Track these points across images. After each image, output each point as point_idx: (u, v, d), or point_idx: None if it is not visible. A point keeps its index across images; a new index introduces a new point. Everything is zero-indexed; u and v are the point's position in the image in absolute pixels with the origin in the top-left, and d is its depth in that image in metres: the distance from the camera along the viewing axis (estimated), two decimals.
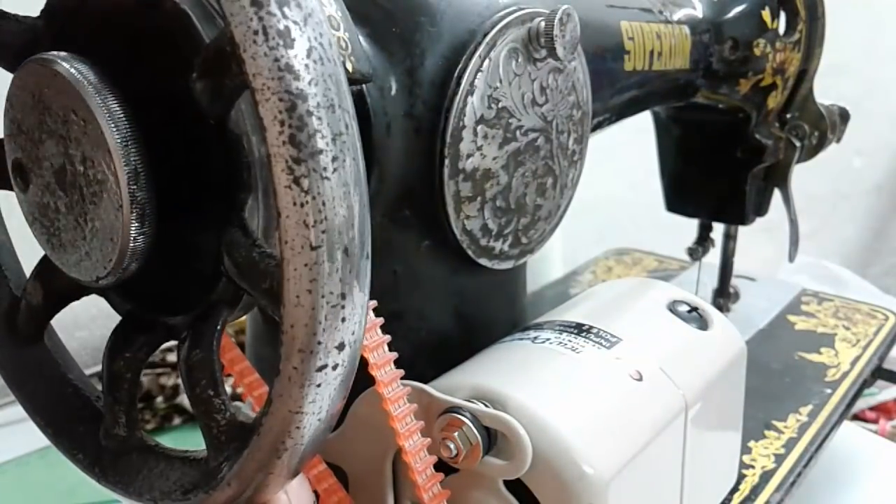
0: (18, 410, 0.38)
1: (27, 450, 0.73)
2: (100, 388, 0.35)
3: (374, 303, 0.32)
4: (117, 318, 0.35)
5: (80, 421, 0.36)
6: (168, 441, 0.34)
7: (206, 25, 0.29)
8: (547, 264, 0.98)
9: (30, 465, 0.72)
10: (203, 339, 0.30)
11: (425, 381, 0.38)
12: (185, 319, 0.31)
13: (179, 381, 0.79)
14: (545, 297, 0.87)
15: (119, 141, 0.27)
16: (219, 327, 0.31)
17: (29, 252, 0.37)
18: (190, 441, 0.75)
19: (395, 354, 0.34)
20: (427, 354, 0.42)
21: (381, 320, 0.33)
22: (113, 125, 0.27)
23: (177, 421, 0.77)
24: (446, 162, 0.38)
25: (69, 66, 0.28)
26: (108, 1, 0.30)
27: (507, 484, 0.36)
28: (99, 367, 0.86)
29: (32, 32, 0.32)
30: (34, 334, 0.37)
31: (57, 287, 0.35)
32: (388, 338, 0.34)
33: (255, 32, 0.23)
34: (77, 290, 0.35)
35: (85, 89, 0.27)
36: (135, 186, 0.28)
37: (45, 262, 0.35)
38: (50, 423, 0.36)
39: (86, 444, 0.35)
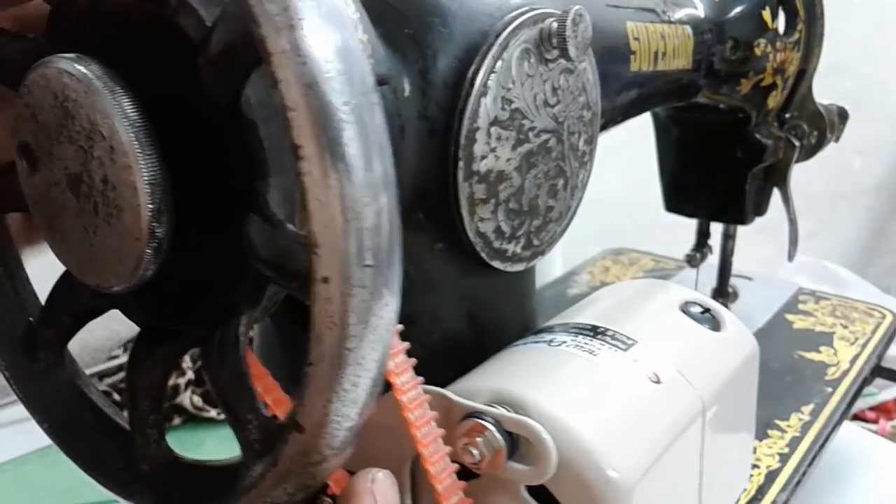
0: (18, 410, 0.37)
1: (27, 450, 0.73)
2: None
3: None
4: (118, 319, 0.34)
5: (110, 442, 0.35)
6: (168, 441, 0.33)
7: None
8: (547, 264, 0.98)
9: (30, 465, 0.72)
10: (227, 343, 0.30)
11: (438, 385, 0.37)
12: (206, 326, 0.31)
13: (180, 380, 0.79)
14: (544, 297, 0.87)
15: (138, 148, 0.27)
16: (242, 328, 0.30)
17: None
18: (190, 441, 0.74)
19: (414, 361, 0.33)
20: (440, 357, 0.41)
21: (400, 327, 0.33)
22: (132, 132, 0.27)
23: (177, 421, 0.76)
24: (460, 164, 0.37)
25: (101, 82, 0.27)
26: (112, 5, 0.30)
27: (529, 489, 0.36)
28: (98, 367, 0.85)
29: (35, 51, 0.31)
30: (54, 359, 0.36)
31: (74, 309, 0.34)
32: (406, 345, 0.33)
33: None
34: (94, 310, 0.34)
35: (104, 97, 0.27)
36: (156, 224, 0.27)
37: (60, 286, 0.34)
38: (81, 454, 0.35)
39: (118, 468, 0.34)
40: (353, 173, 0.23)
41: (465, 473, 0.36)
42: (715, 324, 0.45)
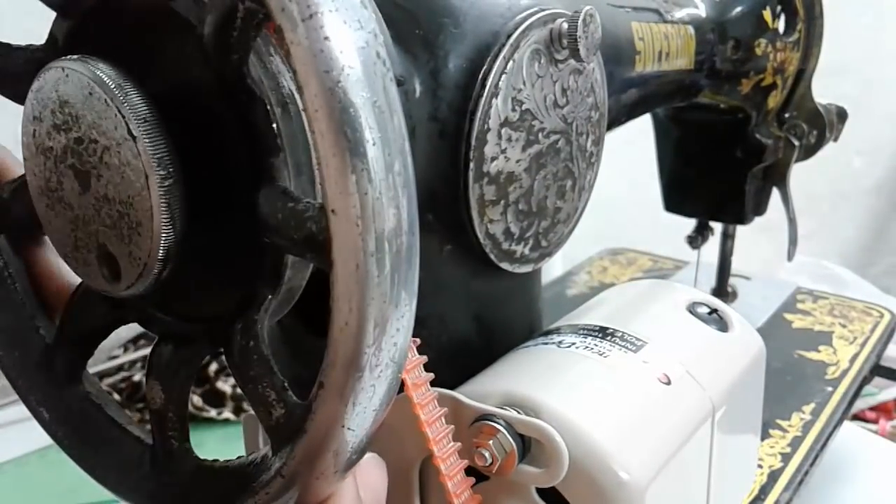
0: (18, 410, 0.37)
1: (27, 450, 0.73)
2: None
3: None
4: None
5: (131, 454, 0.34)
6: None
7: None
8: (548, 265, 0.98)
9: (30, 465, 0.72)
10: (249, 331, 0.29)
11: (446, 386, 0.37)
12: (226, 321, 0.30)
13: None
14: (543, 297, 0.86)
15: (151, 146, 0.27)
16: (265, 311, 0.29)
17: None
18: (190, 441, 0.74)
19: (431, 375, 0.33)
20: (448, 360, 0.41)
21: (418, 340, 0.33)
22: (143, 130, 0.27)
23: None
24: (471, 165, 0.37)
25: (110, 80, 0.27)
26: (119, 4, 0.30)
27: (539, 491, 0.36)
28: (99, 367, 0.84)
29: (39, 59, 0.31)
30: (71, 375, 0.36)
31: (88, 325, 0.34)
32: (424, 358, 0.33)
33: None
34: (108, 326, 0.34)
35: (114, 96, 0.27)
36: (169, 221, 0.27)
37: (73, 303, 0.34)
38: (106, 473, 0.35)
39: (141, 480, 0.34)
40: (374, 175, 0.23)
41: (476, 475, 0.36)
42: (722, 324, 0.45)
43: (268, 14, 0.24)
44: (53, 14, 0.32)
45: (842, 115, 0.72)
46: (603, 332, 0.41)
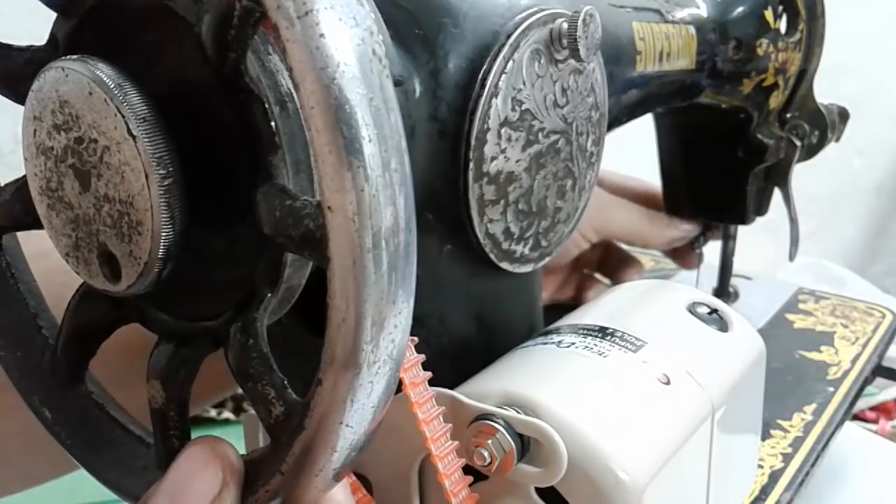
0: None
1: None
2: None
3: None
4: None
5: (140, 465, 0.35)
6: None
7: None
8: None
9: None
10: (248, 329, 0.29)
11: (445, 386, 0.37)
12: (225, 318, 0.30)
13: None
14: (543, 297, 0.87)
15: (151, 147, 0.27)
16: (264, 310, 0.29)
17: None
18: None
19: (429, 374, 0.33)
20: (448, 359, 0.41)
21: (416, 339, 0.33)
22: (144, 131, 0.27)
23: None
24: (471, 165, 0.37)
25: (110, 80, 0.27)
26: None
27: (539, 490, 0.36)
28: None
29: (41, 59, 0.31)
30: (73, 375, 0.36)
31: (87, 326, 0.34)
32: (421, 357, 0.33)
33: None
34: (108, 325, 0.34)
35: (114, 96, 0.27)
36: (169, 220, 0.27)
37: (73, 304, 0.34)
38: (108, 473, 0.35)
39: (144, 480, 0.34)
40: (370, 172, 0.23)
41: (473, 474, 0.36)
42: (723, 324, 0.45)
43: (264, 12, 0.24)
44: (54, 14, 0.32)
45: (843, 115, 0.72)
46: (603, 332, 0.41)
